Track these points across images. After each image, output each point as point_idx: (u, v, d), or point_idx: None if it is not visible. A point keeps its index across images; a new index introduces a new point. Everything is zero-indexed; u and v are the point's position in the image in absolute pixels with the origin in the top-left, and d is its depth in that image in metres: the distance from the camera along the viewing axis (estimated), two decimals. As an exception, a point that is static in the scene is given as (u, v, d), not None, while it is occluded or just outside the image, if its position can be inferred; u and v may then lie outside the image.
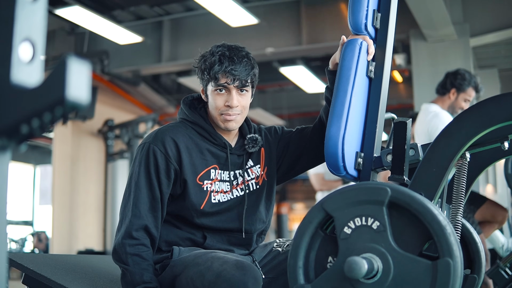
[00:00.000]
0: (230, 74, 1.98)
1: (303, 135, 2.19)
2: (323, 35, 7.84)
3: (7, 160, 0.77)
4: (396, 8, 1.99)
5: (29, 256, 2.27)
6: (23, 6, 0.75)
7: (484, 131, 1.60)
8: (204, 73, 2.04)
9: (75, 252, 8.65)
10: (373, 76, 1.91)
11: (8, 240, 0.82)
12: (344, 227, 1.49)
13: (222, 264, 1.80)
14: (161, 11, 8.23)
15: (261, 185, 2.15)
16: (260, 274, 1.81)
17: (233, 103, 2.01)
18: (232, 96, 2.01)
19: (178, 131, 2.05)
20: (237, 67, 1.99)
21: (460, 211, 1.80)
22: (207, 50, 2.09)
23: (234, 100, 2.01)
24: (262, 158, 2.18)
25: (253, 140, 2.13)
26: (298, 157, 2.18)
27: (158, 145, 2.00)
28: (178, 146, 2.01)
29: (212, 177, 2.05)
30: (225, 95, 2.02)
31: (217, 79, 2.00)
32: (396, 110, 9.50)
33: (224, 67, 1.98)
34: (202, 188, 2.03)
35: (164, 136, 2.01)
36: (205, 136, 2.07)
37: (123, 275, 1.95)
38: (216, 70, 1.99)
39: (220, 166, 2.08)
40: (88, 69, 0.72)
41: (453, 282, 1.37)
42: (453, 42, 6.90)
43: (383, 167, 1.81)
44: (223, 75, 1.99)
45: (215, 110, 2.04)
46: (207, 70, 2.02)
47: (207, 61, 2.02)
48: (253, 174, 2.14)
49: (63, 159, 8.93)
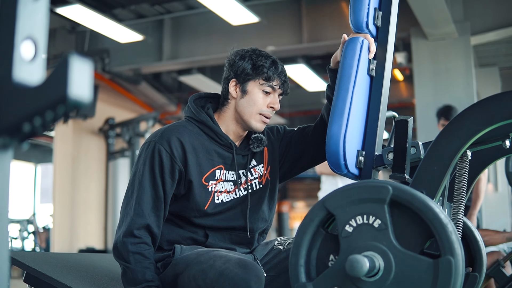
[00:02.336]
0: (281, 79, 2.08)
1: (304, 134, 2.19)
2: (324, 33, 7.83)
3: (9, 158, 0.77)
4: (397, 6, 1.99)
5: (31, 255, 2.27)
6: (25, 5, 0.75)
7: (485, 129, 1.59)
8: (254, 68, 2.06)
9: (76, 250, 8.65)
10: (374, 75, 1.91)
11: (9, 238, 0.82)
12: (345, 225, 1.49)
13: (225, 262, 1.80)
14: (162, 9, 8.22)
15: (264, 185, 2.15)
16: (263, 273, 1.81)
17: (277, 106, 2.09)
18: (277, 99, 2.10)
19: (184, 131, 2.04)
20: (286, 76, 2.12)
21: (461, 209, 1.80)
22: (240, 49, 2.12)
23: (278, 104, 2.10)
24: (265, 158, 2.18)
25: (258, 140, 2.14)
26: (299, 156, 2.19)
27: (164, 144, 1.99)
28: (184, 147, 2.00)
29: (217, 178, 2.05)
30: (268, 97, 2.08)
31: (271, 79, 2.06)
32: (397, 108, 9.49)
33: (279, 70, 2.08)
34: (207, 188, 2.03)
35: (170, 136, 2.01)
36: (212, 136, 2.07)
37: (124, 273, 1.95)
38: (272, 70, 2.06)
39: (226, 167, 2.08)
40: (90, 67, 0.72)
41: (455, 281, 1.37)
42: (454, 41, 6.90)
43: (384, 165, 1.81)
44: (277, 77, 2.07)
45: (254, 107, 2.06)
46: (260, 68, 2.05)
47: (259, 60, 2.06)
48: (256, 173, 2.15)
49: (64, 158, 8.93)
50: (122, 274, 1.96)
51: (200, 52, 8.30)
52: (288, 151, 2.20)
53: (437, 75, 6.96)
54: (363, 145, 1.85)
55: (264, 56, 2.08)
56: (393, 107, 8.77)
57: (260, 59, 2.06)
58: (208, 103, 2.15)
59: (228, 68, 2.11)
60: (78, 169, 9.14)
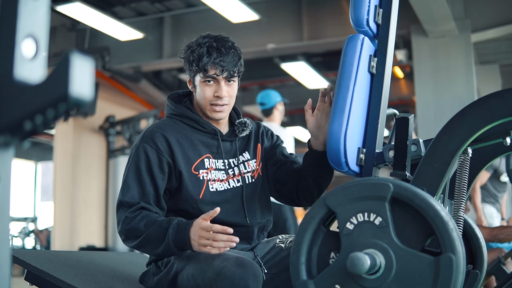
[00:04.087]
0: (219, 66, 2.01)
1: (295, 171, 2.17)
2: (324, 31, 7.83)
3: (10, 156, 0.77)
4: (398, 3, 1.99)
5: (31, 253, 2.27)
6: (26, 3, 0.75)
7: (486, 126, 1.59)
8: (192, 64, 2.05)
9: (77, 248, 8.66)
10: (375, 72, 1.91)
11: (10, 236, 0.82)
12: (346, 223, 1.49)
13: (223, 261, 1.80)
14: (162, 7, 8.22)
15: (256, 179, 2.16)
16: (261, 271, 1.81)
17: (222, 94, 2.04)
18: (221, 87, 2.04)
19: (166, 126, 2.06)
20: (225, 59, 2.02)
21: (462, 206, 1.80)
22: (193, 41, 2.10)
23: (223, 91, 2.04)
24: (258, 154, 2.20)
25: (242, 124, 2.15)
26: (283, 184, 2.18)
27: (149, 142, 2.01)
28: (168, 140, 2.02)
29: (207, 166, 2.06)
30: (213, 86, 2.05)
31: (206, 70, 2.02)
32: (397, 106, 9.49)
33: (212, 58, 2.01)
34: (198, 177, 2.03)
35: (153, 134, 2.03)
36: (194, 126, 2.09)
37: (143, 246, 1.94)
38: (205, 61, 2.01)
39: (213, 155, 2.09)
40: (91, 65, 0.72)
41: (456, 278, 1.37)
42: (454, 38, 6.89)
43: (385, 163, 1.81)
44: (212, 66, 2.01)
45: (204, 100, 2.06)
46: (195, 61, 2.03)
47: (195, 52, 2.04)
48: (249, 167, 2.15)
49: (65, 156, 8.93)
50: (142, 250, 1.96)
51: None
52: (272, 171, 2.20)
53: (438, 72, 6.95)
54: (364, 143, 1.85)
55: (201, 45, 2.04)
56: (394, 105, 8.77)
57: (197, 50, 2.03)
58: (185, 97, 2.18)
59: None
60: (78, 167, 9.14)
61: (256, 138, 2.22)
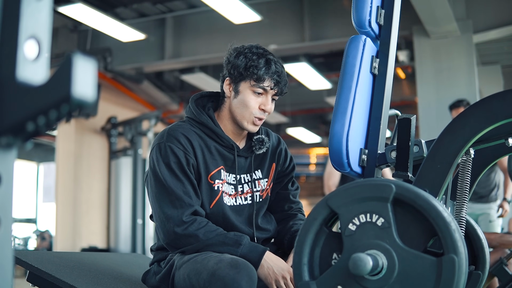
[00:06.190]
0: (274, 80, 2.00)
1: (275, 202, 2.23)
2: (326, 32, 7.83)
3: (13, 157, 0.77)
4: (400, 4, 1.99)
5: (34, 254, 2.27)
6: (28, 4, 0.75)
7: (488, 127, 1.59)
8: (245, 68, 1.99)
9: (79, 249, 8.67)
10: (377, 73, 1.91)
11: (12, 237, 0.82)
12: (348, 224, 1.49)
13: (217, 262, 1.79)
14: (164, 8, 8.23)
15: (264, 199, 2.15)
16: (255, 272, 1.81)
17: (268, 108, 2.03)
18: (269, 101, 2.02)
19: (187, 130, 2.02)
20: (281, 75, 2.02)
21: (465, 207, 1.80)
22: (238, 46, 2.06)
23: (270, 105, 2.03)
24: (271, 174, 2.17)
25: (260, 141, 2.11)
26: None
27: (173, 141, 1.97)
28: (192, 143, 1.99)
29: (222, 178, 2.04)
30: (260, 98, 2.01)
31: (261, 80, 1.98)
32: (399, 106, 9.49)
33: (271, 71, 1.99)
34: (213, 187, 2.01)
35: (177, 134, 1.99)
36: (213, 137, 2.05)
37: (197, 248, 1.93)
38: (263, 71, 1.98)
39: (226, 169, 2.06)
40: (94, 66, 0.72)
41: (458, 279, 1.36)
42: (456, 39, 6.89)
43: (387, 164, 1.81)
44: (268, 78, 1.99)
45: (246, 109, 2.01)
46: (252, 68, 1.98)
47: (251, 59, 1.99)
48: (259, 186, 2.13)
49: (67, 157, 8.94)
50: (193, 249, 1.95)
51: (202, 50, 8.31)
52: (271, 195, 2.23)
53: (440, 73, 6.95)
54: (366, 144, 1.85)
55: (259, 54, 2.01)
56: (396, 106, 8.78)
57: (253, 59, 1.99)
58: (209, 102, 2.12)
59: (224, 65, 2.07)
60: (80, 168, 9.15)
61: (273, 156, 2.18)
